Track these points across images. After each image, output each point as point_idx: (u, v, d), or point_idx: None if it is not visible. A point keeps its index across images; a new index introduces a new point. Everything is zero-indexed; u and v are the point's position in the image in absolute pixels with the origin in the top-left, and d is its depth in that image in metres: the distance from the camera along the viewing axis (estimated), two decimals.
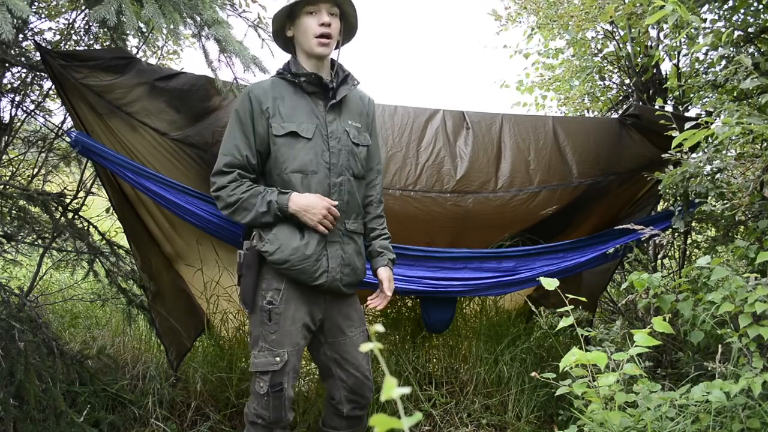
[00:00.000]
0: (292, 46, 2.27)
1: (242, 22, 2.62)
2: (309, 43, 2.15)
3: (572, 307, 1.92)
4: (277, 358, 2.11)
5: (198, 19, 2.32)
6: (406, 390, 0.55)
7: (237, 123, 2.15)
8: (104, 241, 3.27)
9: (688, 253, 3.32)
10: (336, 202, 2.14)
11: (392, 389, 0.52)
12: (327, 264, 2.17)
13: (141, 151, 2.60)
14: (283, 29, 2.23)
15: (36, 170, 3.27)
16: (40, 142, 3.31)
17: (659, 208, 3.53)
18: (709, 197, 2.62)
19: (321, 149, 2.16)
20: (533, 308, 2.74)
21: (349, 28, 2.29)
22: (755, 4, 2.88)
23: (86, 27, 3.12)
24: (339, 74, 2.24)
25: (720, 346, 2.02)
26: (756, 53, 3.04)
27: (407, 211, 2.96)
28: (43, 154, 3.27)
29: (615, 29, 3.94)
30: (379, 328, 0.64)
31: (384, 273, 2.34)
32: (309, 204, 2.09)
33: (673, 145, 2.34)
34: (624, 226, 2.68)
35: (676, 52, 3.63)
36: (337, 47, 2.23)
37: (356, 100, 2.31)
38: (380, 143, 2.95)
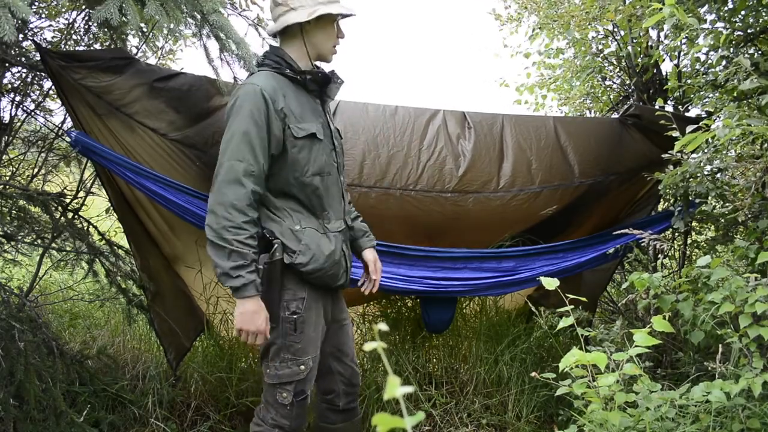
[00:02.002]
0: (289, 35, 2.10)
1: (243, 22, 2.63)
2: (326, 48, 2.11)
3: (572, 307, 1.92)
4: (302, 367, 2.06)
5: (198, 17, 2.31)
6: (410, 389, 0.55)
7: (253, 125, 1.91)
8: (104, 241, 3.27)
9: (688, 253, 3.32)
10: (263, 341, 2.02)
11: (395, 388, 0.52)
12: (345, 263, 2.17)
13: (140, 151, 2.60)
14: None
15: (36, 170, 3.27)
16: (40, 142, 3.31)
17: (659, 208, 3.53)
18: (710, 197, 2.63)
19: (329, 149, 2.13)
20: (533, 308, 2.74)
21: None
22: (755, 4, 2.88)
23: (86, 27, 3.13)
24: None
25: (720, 346, 2.02)
26: (756, 53, 3.04)
27: (407, 211, 2.96)
28: (43, 154, 3.27)
29: (616, 29, 3.94)
30: (382, 327, 0.64)
31: (371, 254, 2.33)
32: (256, 314, 1.92)
33: (675, 149, 2.35)
34: (623, 231, 2.67)
35: (676, 52, 3.63)
36: None
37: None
38: (379, 143, 2.97)
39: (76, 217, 3.15)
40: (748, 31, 2.94)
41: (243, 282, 1.89)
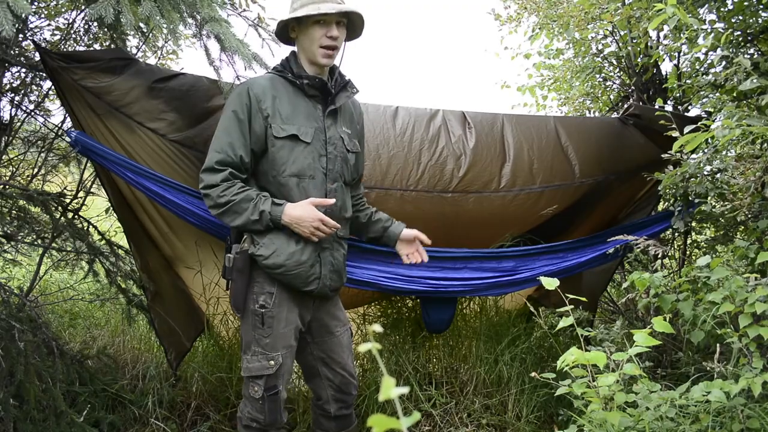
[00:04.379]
0: (294, 45, 2.24)
1: (242, 22, 2.62)
2: (314, 52, 2.13)
3: (572, 307, 1.91)
4: (272, 362, 2.10)
5: (198, 17, 2.32)
6: (404, 390, 0.55)
7: (234, 120, 2.07)
8: (104, 241, 3.27)
9: (688, 253, 3.32)
10: (331, 202, 2.10)
11: (390, 389, 0.52)
12: (320, 270, 2.17)
13: (140, 152, 2.60)
14: (286, 29, 2.20)
15: (36, 170, 3.27)
16: (40, 142, 3.31)
17: (659, 208, 3.53)
18: (709, 197, 2.62)
19: (318, 154, 2.14)
20: (533, 310, 2.73)
21: (353, 30, 2.25)
22: (754, 3, 2.88)
23: (86, 27, 3.13)
24: (338, 80, 2.23)
25: (718, 345, 2.02)
26: (756, 53, 3.04)
27: (407, 211, 2.95)
28: (43, 154, 3.27)
29: (615, 29, 3.94)
30: (377, 328, 0.64)
31: (408, 233, 2.40)
32: (301, 216, 2.04)
33: (674, 149, 2.35)
34: (618, 237, 2.65)
35: (676, 53, 3.63)
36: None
37: (349, 107, 2.31)
38: (379, 144, 2.96)
39: (76, 217, 3.15)
40: (748, 31, 2.94)
41: (264, 210, 2.03)
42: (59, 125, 3.20)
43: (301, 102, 2.15)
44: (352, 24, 2.22)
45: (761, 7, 2.86)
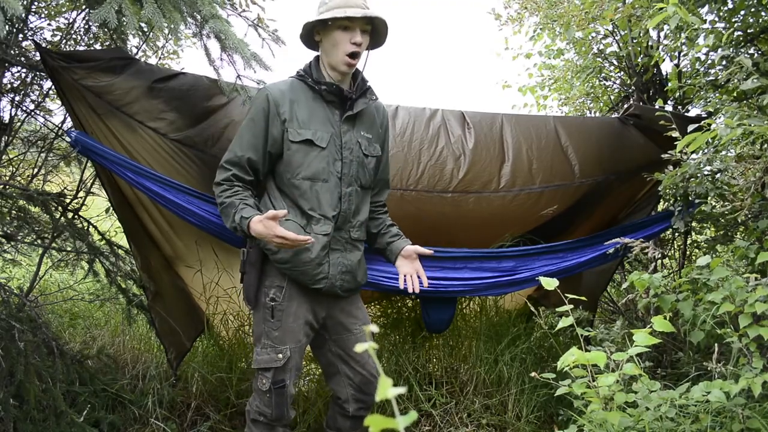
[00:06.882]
0: (318, 49, 2.25)
1: (242, 22, 2.62)
2: (337, 58, 2.14)
3: (572, 306, 1.91)
4: (280, 355, 2.13)
5: (198, 17, 2.32)
6: (401, 390, 0.55)
7: (248, 122, 2.16)
8: (104, 241, 3.27)
9: (688, 253, 3.31)
10: (284, 213, 2.04)
11: (387, 389, 0.52)
12: (328, 270, 2.19)
13: (140, 151, 2.60)
14: (311, 32, 2.21)
15: (36, 170, 3.27)
16: (40, 142, 3.31)
17: (659, 208, 3.53)
18: (709, 198, 2.62)
19: (333, 158, 2.17)
20: (533, 310, 2.73)
21: (377, 37, 2.26)
22: (755, 2, 2.88)
23: (86, 27, 3.13)
24: (360, 85, 2.24)
25: (717, 345, 2.02)
26: (756, 53, 3.04)
27: (407, 211, 2.95)
28: (43, 154, 3.27)
29: (616, 29, 3.94)
30: (373, 328, 0.64)
31: (407, 250, 2.36)
32: (260, 233, 2.03)
33: (677, 150, 2.34)
34: (614, 240, 2.64)
35: (676, 53, 3.63)
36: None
37: (371, 111, 2.31)
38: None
39: (76, 217, 3.15)
40: (748, 31, 2.94)
41: (238, 220, 2.07)
42: (59, 125, 3.20)
43: (319, 107, 2.18)
44: (376, 31, 2.22)
45: (761, 7, 2.86)
